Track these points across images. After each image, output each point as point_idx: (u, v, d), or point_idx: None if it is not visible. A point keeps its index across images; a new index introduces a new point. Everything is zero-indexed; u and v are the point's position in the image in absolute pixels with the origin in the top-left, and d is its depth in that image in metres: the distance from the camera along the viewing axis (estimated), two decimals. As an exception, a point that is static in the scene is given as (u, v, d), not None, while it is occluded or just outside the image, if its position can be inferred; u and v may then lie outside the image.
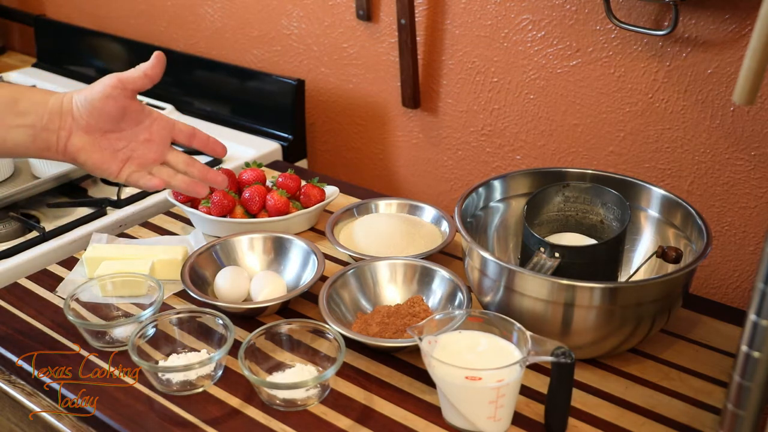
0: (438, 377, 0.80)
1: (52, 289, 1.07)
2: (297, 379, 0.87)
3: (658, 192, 1.00)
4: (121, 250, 1.09)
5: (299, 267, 1.06)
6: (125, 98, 0.91)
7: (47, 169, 1.28)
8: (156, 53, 0.94)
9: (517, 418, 0.84)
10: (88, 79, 1.78)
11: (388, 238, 1.11)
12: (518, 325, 0.82)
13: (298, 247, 1.07)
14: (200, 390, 0.89)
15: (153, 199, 1.29)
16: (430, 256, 1.06)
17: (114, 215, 1.24)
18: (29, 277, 1.10)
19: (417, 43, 1.33)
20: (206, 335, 0.95)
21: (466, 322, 0.85)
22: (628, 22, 1.08)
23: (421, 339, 0.81)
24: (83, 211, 1.25)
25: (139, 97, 1.66)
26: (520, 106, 1.27)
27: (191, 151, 1.16)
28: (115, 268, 1.03)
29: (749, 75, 0.61)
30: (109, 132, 0.92)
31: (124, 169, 0.93)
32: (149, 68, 0.92)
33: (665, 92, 1.11)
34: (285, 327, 0.92)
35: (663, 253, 0.94)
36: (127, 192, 1.30)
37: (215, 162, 1.41)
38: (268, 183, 1.24)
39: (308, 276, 1.03)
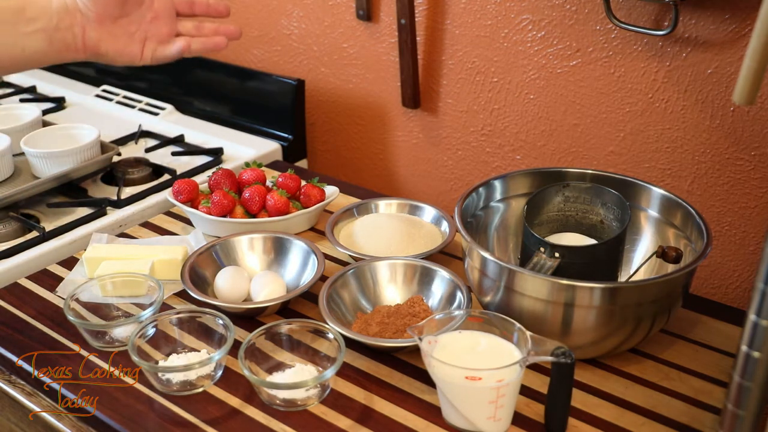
0: (438, 377, 0.80)
1: (52, 289, 1.07)
2: (297, 379, 0.87)
3: (658, 192, 1.00)
4: (121, 250, 1.09)
5: (299, 267, 1.06)
6: None
7: (47, 169, 1.28)
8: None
9: (517, 418, 0.84)
10: (88, 79, 1.78)
11: (388, 238, 1.11)
12: (518, 325, 0.82)
13: (298, 247, 1.07)
14: (200, 390, 0.89)
15: (153, 199, 1.29)
16: (430, 256, 1.06)
17: (114, 215, 1.24)
18: (29, 277, 1.10)
19: (417, 43, 1.33)
20: (206, 335, 0.95)
21: (466, 322, 0.85)
22: (628, 22, 1.08)
23: (421, 339, 0.81)
24: (83, 211, 1.25)
25: (137, 97, 1.66)
26: (520, 106, 1.27)
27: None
28: (115, 268, 1.03)
29: (749, 75, 0.61)
30: (119, 18, 0.94)
31: (146, 50, 0.96)
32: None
33: (665, 92, 1.11)
34: (285, 327, 0.92)
35: (663, 253, 0.94)
36: (127, 192, 1.30)
37: (216, 162, 1.41)
38: (268, 183, 1.24)
39: (308, 276, 1.03)
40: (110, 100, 1.68)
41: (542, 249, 0.92)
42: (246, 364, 0.86)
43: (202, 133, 1.52)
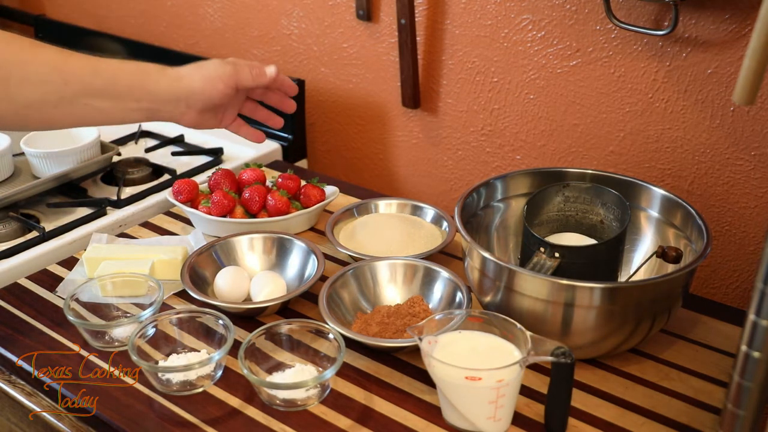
0: (438, 377, 0.80)
1: (52, 289, 1.07)
2: (297, 379, 0.87)
3: (658, 192, 1.00)
4: (121, 250, 1.09)
5: (299, 267, 1.06)
6: (235, 93, 1.05)
7: (47, 169, 1.28)
8: (276, 74, 1.06)
9: (517, 418, 0.84)
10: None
11: (388, 238, 1.11)
12: (518, 325, 0.82)
13: (298, 247, 1.07)
14: (200, 390, 0.89)
15: (153, 199, 1.29)
16: (430, 256, 1.06)
17: (114, 215, 1.24)
18: (29, 277, 1.10)
19: (417, 43, 1.33)
20: (206, 335, 0.95)
21: (466, 322, 0.85)
22: (628, 22, 1.08)
23: (421, 339, 0.81)
24: (83, 211, 1.25)
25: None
26: (520, 106, 1.27)
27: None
28: (115, 268, 1.03)
29: (749, 75, 0.61)
30: (215, 110, 1.06)
31: (221, 125, 1.09)
32: (263, 76, 1.05)
33: (665, 92, 1.11)
34: (285, 327, 0.92)
35: (663, 253, 0.94)
36: (127, 192, 1.30)
37: (216, 162, 1.41)
38: (268, 183, 1.24)
39: (308, 276, 1.03)
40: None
41: (542, 249, 0.92)
42: (246, 364, 0.86)
43: (202, 133, 1.52)
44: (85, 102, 0.95)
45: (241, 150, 1.45)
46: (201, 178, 1.30)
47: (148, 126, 1.55)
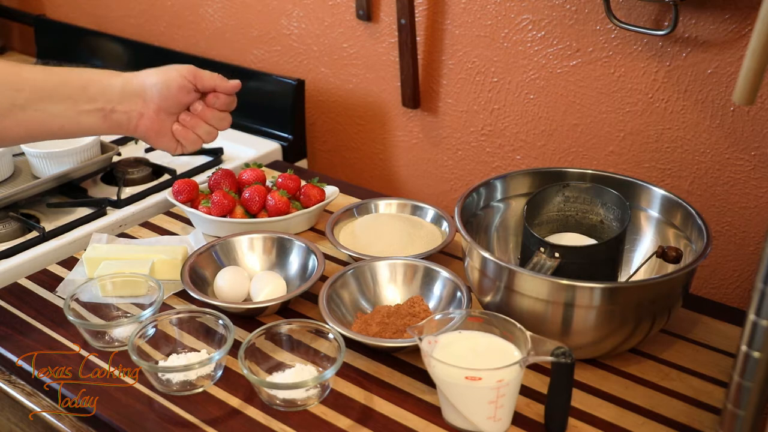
0: (438, 377, 0.80)
1: (52, 289, 1.07)
2: (297, 379, 0.87)
3: (658, 192, 1.00)
4: (121, 250, 1.09)
5: (299, 267, 1.06)
6: (195, 93, 1.01)
7: (47, 169, 1.28)
8: (237, 84, 1.04)
9: (517, 418, 0.84)
10: (88, 79, 1.77)
11: (388, 238, 1.11)
12: (518, 325, 0.82)
13: (298, 247, 1.07)
14: (200, 390, 0.89)
15: (153, 199, 1.29)
16: (430, 256, 1.06)
17: (114, 215, 1.24)
18: (29, 277, 1.10)
19: (417, 43, 1.33)
20: (206, 335, 0.95)
21: (466, 322, 0.85)
22: (628, 22, 1.08)
23: (421, 339, 0.81)
24: (83, 211, 1.25)
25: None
26: (520, 106, 1.27)
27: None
28: (115, 268, 1.03)
29: (749, 75, 0.61)
30: (172, 115, 1.02)
31: (179, 148, 1.04)
32: (224, 81, 1.02)
33: (665, 92, 1.11)
34: (285, 327, 0.92)
35: (663, 253, 0.94)
36: (127, 192, 1.30)
37: (216, 162, 1.41)
38: (268, 183, 1.24)
39: (308, 276, 1.03)
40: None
41: (542, 249, 0.92)
42: (246, 364, 0.86)
43: (202, 133, 1.52)
44: (37, 108, 0.93)
45: (241, 150, 1.45)
46: (201, 178, 1.30)
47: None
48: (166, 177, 1.36)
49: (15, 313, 1.03)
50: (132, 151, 1.46)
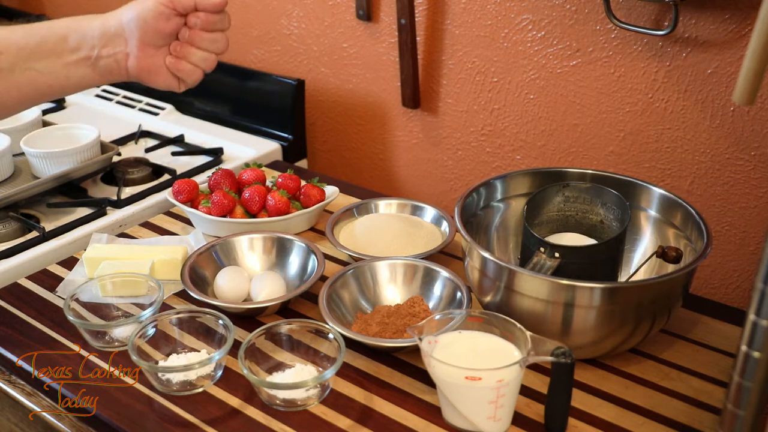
0: (438, 377, 0.80)
1: (52, 289, 1.07)
2: (297, 379, 0.87)
3: (658, 192, 1.00)
4: (121, 250, 1.09)
5: (299, 267, 1.06)
6: (176, 17, 0.93)
7: (47, 169, 1.28)
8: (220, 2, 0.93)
9: (517, 418, 0.84)
10: (88, 79, 1.77)
11: (388, 238, 1.11)
12: (518, 325, 0.82)
13: (298, 247, 1.07)
14: (200, 390, 0.89)
15: (153, 199, 1.29)
16: (430, 256, 1.05)
17: (114, 215, 1.24)
18: (29, 277, 1.10)
19: (417, 43, 1.33)
20: (206, 335, 0.95)
21: (466, 322, 0.85)
22: (628, 22, 1.08)
23: (421, 339, 0.81)
24: (83, 211, 1.25)
25: (137, 97, 1.66)
26: (520, 106, 1.27)
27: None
28: (115, 268, 1.03)
29: (749, 75, 0.61)
30: (161, 48, 0.94)
31: (180, 84, 0.98)
32: None
33: (665, 92, 1.11)
34: (285, 327, 0.92)
35: (663, 253, 0.94)
36: (127, 192, 1.30)
37: (216, 162, 1.41)
38: (268, 183, 1.24)
39: (308, 276, 1.03)
40: (110, 99, 1.69)
41: (542, 249, 0.92)
42: (246, 364, 0.86)
43: (202, 133, 1.52)
44: (24, 67, 0.90)
45: (241, 150, 1.45)
46: (201, 178, 1.31)
47: (148, 126, 1.55)
48: (166, 177, 1.36)
49: (15, 313, 1.03)
50: (132, 151, 1.46)
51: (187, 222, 1.23)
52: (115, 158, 1.37)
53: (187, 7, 0.92)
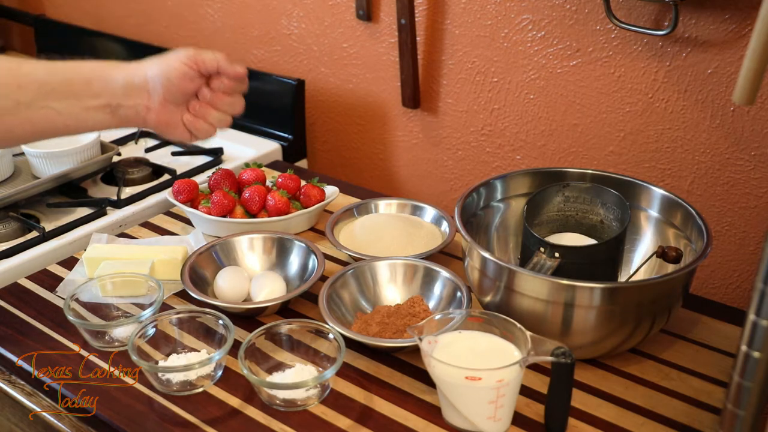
0: (438, 377, 0.80)
1: (52, 289, 1.07)
2: (297, 379, 0.87)
3: (658, 192, 1.00)
4: (121, 250, 1.09)
5: (299, 267, 1.06)
6: (199, 79, 0.95)
7: (47, 169, 1.28)
8: (241, 72, 0.97)
9: (517, 418, 0.84)
10: (88, 79, 1.77)
11: (388, 238, 1.11)
12: (518, 325, 0.82)
13: (298, 247, 1.07)
14: (200, 390, 0.89)
15: (153, 199, 1.29)
16: (430, 256, 1.05)
17: (114, 215, 1.24)
18: (29, 277, 1.10)
19: (417, 43, 1.33)
20: (206, 335, 0.95)
21: (466, 322, 0.85)
22: (628, 22, 1.08)
23: (421, 339, 0.81)
24: (83, 211, 1.25)
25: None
26: (520, 106, 1.27)
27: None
28: (115, 268, 1.03)
29: (749, 75, 0.61)
30: (181, 105, 0.96)
31: (192, 138, 0.99)
32: (227, 63, 0.95)
33: (665, 92, 1.11)
34: (285, 327, 0.92)
35: (663, 253, 0.94)
36: (127, 192, 1.30)
37: (216, 162, 1.41)
38: (268, 183, 1.24)
39: (308, 276, 1.03)
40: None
41: (542, 249, 0.92)
42: (246, 364, 0.86)
43: (202, 133, 1.52)
44: (42, 104, 0.91)
45: (241, 150, 1.45)
46: (201, 178, 1.30)
47: (148, 126, 1.55)
48: (166, 177, 1.36)
49: (15, 313, 1.03)
50: (132, 151, 1.46)
51: (187, 222, 1.23)
52: (115, 158, 1.37)
53: (210, 69, 0.95)
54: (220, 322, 0.93)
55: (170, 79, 0.94)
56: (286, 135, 1.50)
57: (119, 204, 1.26)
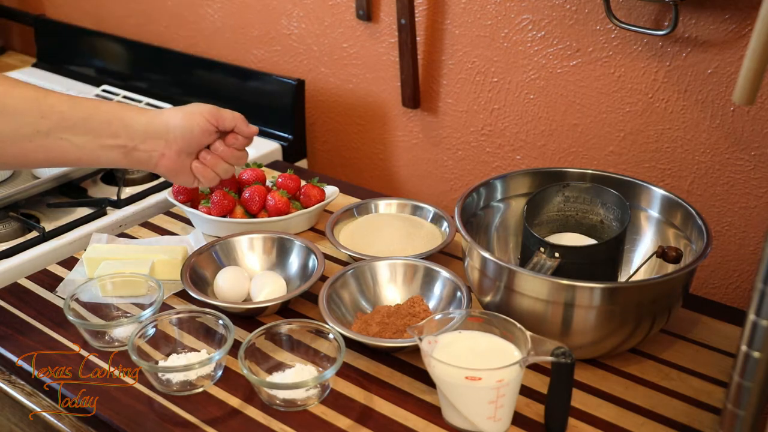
0: (438, 377, 0.80)
1: (52, 289, 1.07)
2: (297, 379, 0.87)
3: (658, 192, 1.00)
4: (121, 250, 1.09)
5: (299, 267, 1.06)
6: (216, 134, 1.03)
7: (47, 170, 1.28)
8: (255, 131, 1.06)
9: (517, 418, 0.84)
10: (88, 79, 1.78)
11: (388, 238, 1.11)
12: (518, 325, 0.82)
13: (298, 247, 1.07)
14: (200, 390, 0.89)
15: (153, 199, 1.29)
16: (430, 256, 1.06)
17: (114, 215, 1.24)
18: (29, 277, 1.10)
19: (417, 43, 1.33)
20: (206, 335, 0.95)
21: (466, 322, 0.85)
22: (628, 22, 1.08)
23: (421, 339, 0.81)
24: (83, 211, 1.25)
25: (137, 97, 1.66)
26: (520, 106, 1.27)
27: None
28: (115, 268, 1.03)
29: (749, 75, 0.61)
30: (192, 154, 1.03)
31: (195, 183, 1.06)
32: (244, 123, 1.04)
33: (665, 92, 1.11)
34: (285, 327, 0.92)
35: (663, 253, 0.94)
36: (127, 192, 1.30)
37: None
38: (268, 183, 1.24)
39: (308, 276, 1.03)
40: (110, 99, 1.68)
41: (542, 249, 0.92)
42: (246, 364, 0.86)
43: (202, 133, 1.52)
44: (60, 136, 0.93)
45: (241, 150, 1.45)
46: (201, 178, 1.30)
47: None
48: (166, 177, 1.36)
49: (15, 313, 1.03)
50: (132, 151, 1.46)
51: (187, 222, 1.23)
52: (115, 158, 1.37)
53: (227, 127, 1.03)
54: (220, 322, 0.93)
55: (192, 132, 0.99)
56: (286, 135, 1.50)
57: (119, 204, 1.26)
